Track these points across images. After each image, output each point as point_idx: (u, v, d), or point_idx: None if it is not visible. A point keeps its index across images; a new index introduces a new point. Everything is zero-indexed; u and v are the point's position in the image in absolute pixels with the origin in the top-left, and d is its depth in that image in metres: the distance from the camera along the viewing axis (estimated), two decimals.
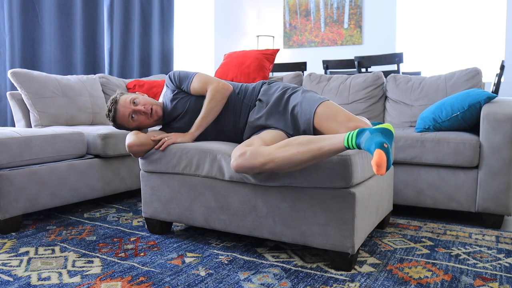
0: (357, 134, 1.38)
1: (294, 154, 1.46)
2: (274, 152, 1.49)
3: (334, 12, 5.30)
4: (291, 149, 1.47)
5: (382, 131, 1.34)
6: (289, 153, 1.47)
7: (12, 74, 2.70)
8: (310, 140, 1.47)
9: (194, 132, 1.86)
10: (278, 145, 1.52)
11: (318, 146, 1.44)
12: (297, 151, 1.46)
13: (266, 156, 1.49)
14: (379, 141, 1.28)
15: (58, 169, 2.21)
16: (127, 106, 1.85)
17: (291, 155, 1.46)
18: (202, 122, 1.85)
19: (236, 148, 1.58)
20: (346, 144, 1.39)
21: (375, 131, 1.34)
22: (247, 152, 1.52)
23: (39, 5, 3.34)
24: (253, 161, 1.50)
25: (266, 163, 1.49)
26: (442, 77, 2.71)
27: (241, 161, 1.52)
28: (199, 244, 1.85)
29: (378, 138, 1.30)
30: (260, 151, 1.51)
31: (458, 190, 2.15)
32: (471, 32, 4.72)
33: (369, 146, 1.31)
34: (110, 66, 4.06)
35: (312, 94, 1.78)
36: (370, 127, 1.37)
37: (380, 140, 1.29)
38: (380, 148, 1.26)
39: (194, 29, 5.75)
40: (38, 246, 1.83)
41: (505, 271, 1.55)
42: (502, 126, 2.02)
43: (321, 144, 1.43)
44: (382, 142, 1.28)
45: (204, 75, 1.90)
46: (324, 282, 1.45)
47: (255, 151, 1.51)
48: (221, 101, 1.85)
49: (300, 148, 1.46)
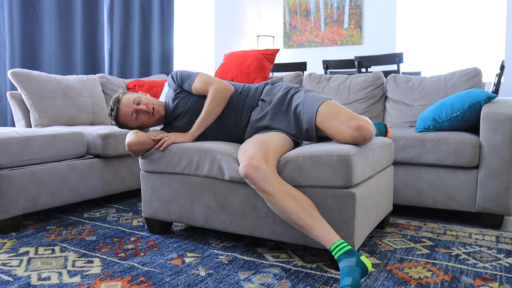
0: (346, 251, 1.38)
1: (292, 212, 1.46)
2: (281, 194, 1.48)
3: (334, 12, 5.30)
4: (294, 205, 1.47)
5: (364, 269, 1.34)
6: (289, 206, 1.47)
7: (12, 74, 2.70)
8: (312, 213, 1.47)
9: (194, 132, 1.86)
10: (288, 189, 1.51)
11: (312, 225, 1.44)
12: (296, 212, 1.46)
13: (272, 189, 1.49)
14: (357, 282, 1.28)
15: (58, 169, 2.21)
16: (130, 105, 1.86)
17: (289, 210, 1.47)
18: (202, 122, 1.85)
19: (251, 154, 1.55)
20: (332, 248, 1.40)
21: (360, 263, 1.34)
22: (262, 170, 1.50)
23: (39, 5, 3.34)
24: (261, 182, 1.49)
25: (268, 194, 1.49)
26: (442, 77, 2.71)
27: (251, 173, 1.50)
28: (199, 244, 1.85)
29: (358, 277, 1.30)
30: (271, 180, 1.50)
31: (458, 190, 2.15)
32: (471, 32, 4.72)
33: (346, 275, 1.31)
34: (110, 66, 4.06)
35: (315, 94, 1.78)
36: (359, 254, 1.37)
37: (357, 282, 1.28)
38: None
39: (194, 29, 5.75)
40: (38, 246, 1.83)
41: (505, 271, 1.55)
42: (502, 126, 2.02)
43: (316, 226, 1.44)
44: (358, 285, 1.28)
45: (206, 75, 1.90)
46: (324, 282, 1.45)
47: (268, 177, 1.50)
48: (222, 102, 1.85)
49: (300, 211, 1.46)
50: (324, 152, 1.52)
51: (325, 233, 1.43)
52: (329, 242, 1.41)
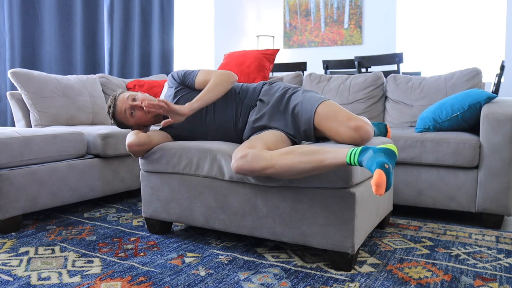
0: (360, 151, 1.37)
1: (295, 163, 1.45)
2: (276, 158, 1.48)
3: (334, 12, 5.30)
4: (293, 157, 1.46)
5: (385, 152, 1.34)
6: (291, 161, 1.46)
7: (12, 74, 2.70)
8: (313, 150, 1.46)
9: (192, 103, 1.77)
10: (280, 151, 1.51)
11: (320, 158, 1.43)
12: (299, 160, 1.45)
13: (267, 161, 1.49)
14: (381, 161, 1.28)
15: (58, 169, 2.21)
16: (125, 102, 1.87)
17: (292, 163, 1.45)
18: (202, 96, 1.79)
19: (237, 149, 1.58)
20: (348, 160, 1.38)
21: (378, 150, 1.34)
22: (248, 154, 1.51)
23: (39, 5, 3.34)
24: (254, 164, 1.49)
25: (267, 168, 1.49)
26: (442, 77, 2.71)
27: (241, 163, 1.51)
28: (199, 244, 1.85)
29: (380, 158, 1.29)
30: (262, 155, 1.50)
31: (458, 190, 2.15)
32: (471, 32, 4.72)
33: (371, 165, 1.30)
34: (110, 66, 4.06)
35: (313, 94, 1.78)
36: (373, 146, 1.37)
37: (382, 160, 1.28)
38: (381, 168, 1.26)
39: (194, 29, 5.75)
40: (38, 246, 1.83)
41: (505, 271, 1.55)
42: (502, 126, 2.02)
43: (324, 157, 1.42)
44: (384, 163, 1.27)
45: (209, 69, 1.92)
46: (324, 282, 1.45)
47: (257, 155, 1.50)
48: (226, 84, 1.84)
49: (302, 158, 1.45)
50: None
51: (335, 156, 1.41)
52: (343, 159, 1.39)
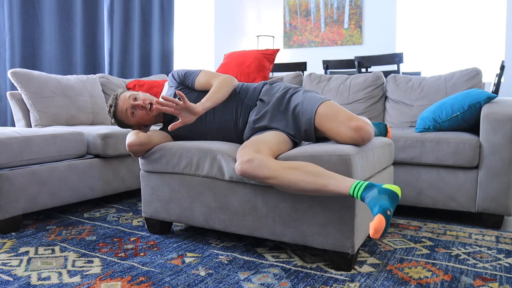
0: (365, 187, 1.36)
1: (299, 181, 1.45)
2: (280, 171, 1.48)
3: (334, 12, 5.30)
4: (298, 174, 1.45)
5: (390, 194, 1.32)
6: (294, 177, 1.45)
7: (12, 74, 2.70)
8: (319, 173, 1.45)
9: (204, 103, 1.73)
10: (287, 164, 1.50)
11: (324, 182, 1.42)
12: (303, 179, 1.44)
13: (272, 171, 1.48)
14: (385, 207, 1.26)
15: (58, 169, 2.21)
16: (127, 101, 1.87)
17: (295, 180, 1.45)
18: (212, 96, 1.76)
19: (243, 151, 1.56)
20: (352, 192, 1.38)
21: (383, 191, 1.32)
22: (255, 160, 1.50)
23: (39, 5, 3.34)
24: (258, 171, 1.49)
25: (270, 178, 1.48)
26: (442, 77, 2.71)
27: (246, 168, 1.50)
28: (199, 244, 1.85)
29: (384, 202, 1.28)
30: (268, 164, 1.49)
31: (458, 190, 2.15)
32: (471, 32, 4.72)
33: (373, 206, 1.29)
34: (110, 66, 4.06)
35: (313, 94, 1.78)
36: (379, 184, 1.36)
37: (386, 206, 1.27)
38: (383, 214, 1.25)
39: (194, 29, 5.75)
40: (38, 246, 1.83)
41: (505, 271, 1.55)
42: (502, 126, 2.02)
43: (328, 182, 1.42)
44: (387, 209, 1.26)
45: (210, 71, 1.92)
46: (324, 282, 1.45)
47: (263, 162, 1.49)
48: (230, 87, 1.83)
49: (306, 177, 1.44)
50: (324, 152, 1.52)
51: (339, 184, 1.40)
52: (347, 189, 1.39)
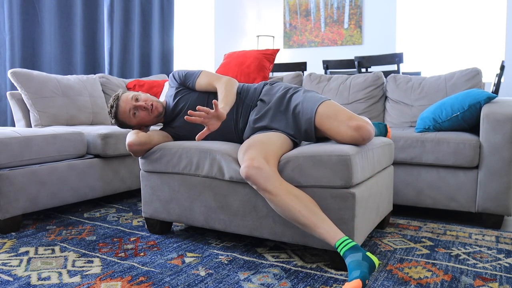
0: (351, 247, 1.38)
1: (295, 210, 1.46)
2: (283, 192, 1.48)
3: (334, 12, 5.30)
4: (297, 204, 1.46)
5: (370, 264, 1.34)
6: (292, 205, 1.46)
7: (12, 74, 2.70)
8: (316, 212, 1.46)
9: (225, 107, 1.72)
10: (290, 188, 1.51)
11: (316, 223, 1.44)
12: (299, 209, 1.45)
13: (274, 188, 1.48)
14: (365, 275, 1.29)
15: (58, 169, 2.21)
16: (128, 102, 1.87)
17: (292, 208, 1.46)
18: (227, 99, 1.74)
19: (252, 155, 1.54)
20: (337, 245, 1.40)
21: (366, 259, 1.34)
22: (263, 170, 1.50)
23: (39, 5, 3.34)
24: (262, 182, 1.49)
25: (270, 193, 1.49)
26: (442, 77, 2.71)
27: (252, 174, 1.50)
28: (199, 244, 1.85)
29: (365, 270, 1.30)
30: (273, 179, 1.49)
31: (458, 190, 2.15)
32: (471, 32, 4.72)
33: (354, 269, 1.31)
34: (110, 66, 4.06)
35: (314, 94, 1.78)
36: (364, 250, 1.38)
37: (366, 275, 1.29)
38: (362, 280, 1.27)
39: (194, 29, 5.75)
40: (38, 246, 1.83)
41: (505, 271, 1.55)
42: (502, 126, 2.02)
43: (320, 224, 1.43)
44: (366, 278, 1.28)
45: (211, 72, 1.92)
46: (324, 282, 1.45)
47: (270, 176, 1.49)
48: (235, 88, 1.85)
49: (303, 210, 1.45)
50: (324, 152, 1.52)
51: (329, 231, 1.42)
52: (334, 239, 1.41)
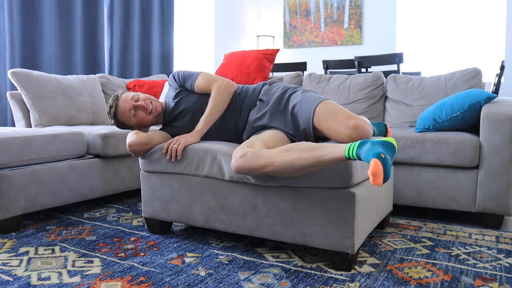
0: (358, 144, 1.37)
1: (294, 160, 1.45)
2: (275, 156, 1.49)
3: (334, 12, 5.30)
4: (292, 154, 1.46)
5: (383, 144, 1.33)
6: (289, 158, 1.46)
7: (12, 74, 2.70)
8: (312, 147, 1.46)
9: (201, 129, 1.83)
10: (279, 149, 1.52)
11: (319, 153, 1.43)
12: (298, 156, 1.45)
13: (266, 159, 1.49)
14: (377, 151, 1.28)
15: (58, 169, 2.21)
16: (128, 102, 1.88)
17: (291, 160, 1.46)
18: (208, 119, 1.84)
19: (237, 149, 1.58)
20: (347, 154, 1.38)
21: (376, 143, 1.34)
22: (248, 153, 1.52)
23: (39, 5, 3.34)
24: (253, 162, 1.50)
25: (266, 166, 1.49)
26: (442, 77, 2.71)
27: (241, 162, 1.52)
28: (199, 244, 1.85)
29: (377, 149, 1.29)
30: (261, 153, 1.51)
31: (458, 190, 2.15)
32: (471, 32, 4.72)
33: (367, 156, 1.30)
34: (110, 66, 4.06)
35: (312, 94, 1.78)
36: (372, 139, 1.37)
37: (378, 151, 1.28)
38: (377, 157, 1.26)
39: (194, 29, 5.74)
40: (38, 246, 1.83)
41: (505, 271, 1.55)
42: (502, 126, 2.02)
43: (322, 152, 1.43)
44: (380, 153, 1.27)
45: (208, 74, 1.93)
46: (324, 282, 1.45)
47: (256, 153, 1.51)
48: (227, 98, 1.86)
49: (301, 154, 1.45)
50: None
51: (333, 150, 1.41)
52: (341, 153, 1.39)
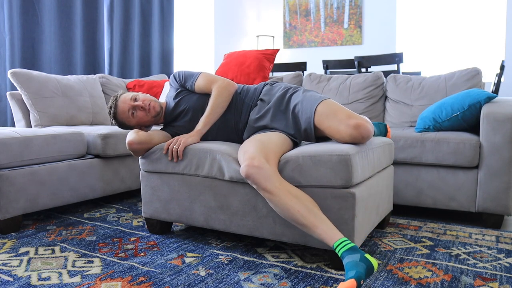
0: (349, 248, 1.37)
1: (294, 210, 1.45)
2: (283, 192, 1.48)
3: (334, 12, 5.30)
4: (296, 204, 1.46)
5: (368, 266, 1.33)
6: (292, 205, 1.46)
7: (12, 74, 2.70)
8: (315, 212, 1.46)
9: (201, 129, 1.84)
10: (289, 187, 1.51)
11: (315, 223, 1.44)
12: (299, 210, 1.45)
13: (274, 187, 1.48)
14: (360, 275, 1.28)
15: (58, 169, 2.21)
16: (127, 102, 1.88)
17: (292, 208, 1.46)
18: (208, 119, 1.84)
19: (252, 154, 1.55)
20: (335, 246, 1.39)
21: (364, 260, 1.34)
22: (263, 169, 1.50)
23: (39, 5, 3.34)
24: (262, 181, 1.49)
25: (270, 193, 1.49)
26: (442, 77, 2.71)
27: (252, 173, 1.50)
28: (199, 244, 1.85)
29: (362, 271, 1.30)
30: (273, 179, 1.50)
31: (458, 190, 2.15)
32: (471, 32, 4.72)
33: (350, 269, 1.31)
34: (110, 66, 4.06)
35: (313, 94, 1.78)
36: (363, 252, 1.37)
37: (361, 275, 1.29)
38: (357, 280, 1.26)
39: (194, 29, 5.75)
40: (38, 246, 1.83)
41: (505, 271, 1.55)
42: (502, 126, 2.02)
43: (319, 224, 1.43)
44: (361, 278, 1.28)
45: (209, 74, 1.94)
46: (324, 282, 1.45)
47: (270, 176, 1.49)
48: (227, 98, 1.87)
49: (302, 210, 1.45)
50: (324, 152, 1.52)
51: (328, 231, 1.42)
52: (332, 240, 1.41)
